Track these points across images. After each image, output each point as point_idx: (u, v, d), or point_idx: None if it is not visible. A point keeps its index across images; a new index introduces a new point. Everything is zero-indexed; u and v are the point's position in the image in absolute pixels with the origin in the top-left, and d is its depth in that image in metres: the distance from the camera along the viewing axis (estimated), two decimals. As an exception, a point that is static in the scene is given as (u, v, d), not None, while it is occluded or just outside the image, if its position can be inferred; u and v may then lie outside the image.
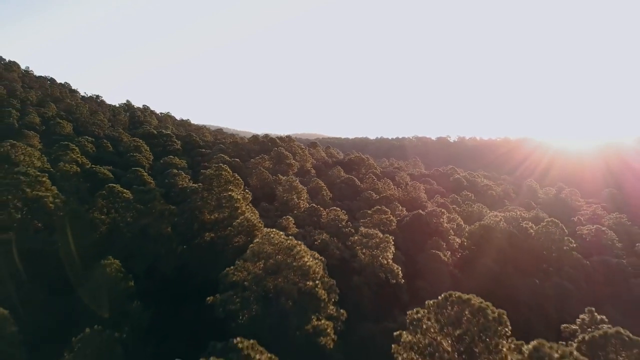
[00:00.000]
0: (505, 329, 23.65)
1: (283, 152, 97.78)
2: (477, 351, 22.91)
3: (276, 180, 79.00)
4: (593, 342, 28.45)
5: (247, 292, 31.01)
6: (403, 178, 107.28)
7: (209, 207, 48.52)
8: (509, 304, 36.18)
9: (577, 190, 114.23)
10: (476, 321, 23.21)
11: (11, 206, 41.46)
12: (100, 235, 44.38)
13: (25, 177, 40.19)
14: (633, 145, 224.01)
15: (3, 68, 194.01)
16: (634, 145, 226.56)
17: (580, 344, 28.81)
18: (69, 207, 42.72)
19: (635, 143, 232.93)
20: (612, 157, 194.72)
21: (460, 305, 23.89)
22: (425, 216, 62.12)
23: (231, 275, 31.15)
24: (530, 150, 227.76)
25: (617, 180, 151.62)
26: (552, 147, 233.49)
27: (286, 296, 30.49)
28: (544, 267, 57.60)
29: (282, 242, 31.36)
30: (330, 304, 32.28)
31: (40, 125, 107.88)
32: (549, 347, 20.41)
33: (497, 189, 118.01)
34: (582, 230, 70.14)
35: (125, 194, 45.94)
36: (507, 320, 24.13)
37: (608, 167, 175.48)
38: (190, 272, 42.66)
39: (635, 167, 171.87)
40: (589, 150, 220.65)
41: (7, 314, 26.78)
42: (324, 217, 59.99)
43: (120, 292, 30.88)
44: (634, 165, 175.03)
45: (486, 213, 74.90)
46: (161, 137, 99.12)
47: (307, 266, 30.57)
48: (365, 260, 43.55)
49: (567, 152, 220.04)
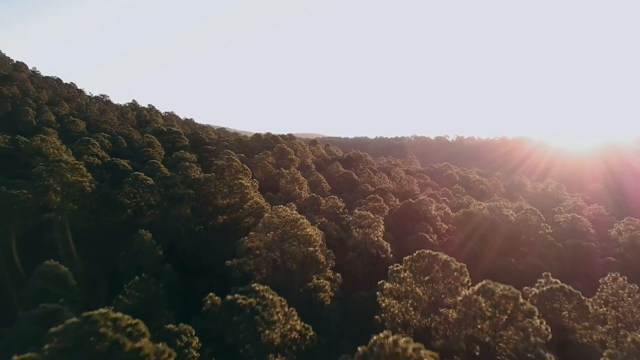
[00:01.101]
0: (465, 278, 30.14)
1: (285, 148, 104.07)
2: (442, 293, 29.37)
3: (279, 173, 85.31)
4: (542, 295, 34.92)
5: (260, 257, 37.43)
6: (398, 173, 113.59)
7: (222, 193, 54.95)
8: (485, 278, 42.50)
9: (563, 185, 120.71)
10: (442, 269, 29.64)
11: (51, 190, 47.85)
12: (127, 215, 50.85)
13: (65, 165, 46.51)
14: (633, 145, 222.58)
15: (12, 69, 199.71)
16: (633, 144, 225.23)
17: (532, 297, 35.24)
18: (101, 192, 49.12)
19: (635, 143, 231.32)
20: (612, 156, 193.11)
21: (430, 259, 30.38)
22: (415, 204, 68.49)
23: (247, 242, 37.58)
24: (530, 151, 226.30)
25: (616, 180, 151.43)
26: (551, 146, 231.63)
27: (292, 259, 36.91)
28: (520, 249, 64.00)
29: (288, 215, 37.76)
30: (328, 268, 38.71)
31: (55, 123, 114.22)
32: (494, 285, 26.84)
33: (488, 183, 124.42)
34: (559, 218, 76.59)
35: (148, 180, 52.35)
36: (467, 272, 30.63)
37: (608, 166, 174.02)
38: (207, 249, 49.04)
39: (635, 166, 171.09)
40: (588, 149, 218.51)
41: (67, 270, 33.20)
42: (323, 205, 66.36)
43: (153, 257, 37.26)
44: (633, 164, 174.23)
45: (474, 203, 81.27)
46: (170, 134, 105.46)
47: (309, 235, 36.96)
48: (358, 238, 49.97)
49: (566, 151, 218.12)
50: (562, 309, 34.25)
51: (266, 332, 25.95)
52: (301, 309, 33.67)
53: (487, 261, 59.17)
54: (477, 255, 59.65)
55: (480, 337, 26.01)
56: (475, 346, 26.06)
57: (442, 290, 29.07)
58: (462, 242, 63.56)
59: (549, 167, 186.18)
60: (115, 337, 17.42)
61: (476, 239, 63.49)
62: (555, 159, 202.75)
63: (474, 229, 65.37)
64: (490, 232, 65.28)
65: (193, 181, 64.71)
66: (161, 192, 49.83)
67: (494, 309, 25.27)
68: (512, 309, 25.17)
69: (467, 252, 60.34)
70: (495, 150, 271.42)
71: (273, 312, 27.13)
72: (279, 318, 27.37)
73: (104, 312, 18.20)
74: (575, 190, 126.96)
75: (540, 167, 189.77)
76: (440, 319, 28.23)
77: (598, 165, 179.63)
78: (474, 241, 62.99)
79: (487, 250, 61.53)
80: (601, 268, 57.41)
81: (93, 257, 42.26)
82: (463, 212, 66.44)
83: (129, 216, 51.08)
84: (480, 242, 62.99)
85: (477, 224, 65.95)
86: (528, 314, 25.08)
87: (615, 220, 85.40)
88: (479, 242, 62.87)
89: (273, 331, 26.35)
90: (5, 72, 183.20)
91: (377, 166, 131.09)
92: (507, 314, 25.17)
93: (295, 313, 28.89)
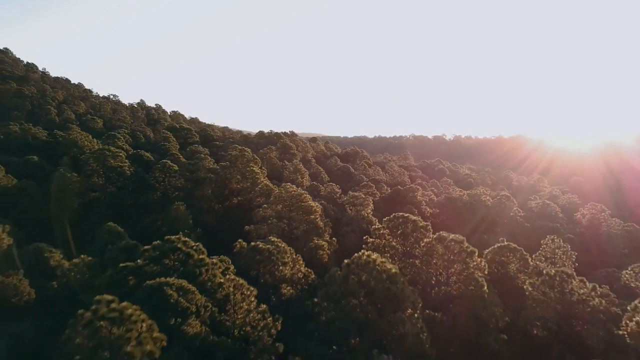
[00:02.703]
0: (430, 234, 39.68)
1: (288, 143, 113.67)
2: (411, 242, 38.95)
3: (283, 165, 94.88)
4: (493, 251, 44.42)
5: (271, 224, 47.01)
6: (392, 167, 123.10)
7: (236, 179, 64.53)
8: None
9: (545, 178, 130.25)
10: (412, 227, 39.21)
11: (95, 174, 57.47)
12: (157, 196, 60.48)
13: (108, 152, 56.12)
14: (633, 145, 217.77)
15: (24, 70, 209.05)
16: (633, 144, 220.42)
17: (487, 253, 44.76)
18: (137, 175, 58.75)
19: (635, 142, 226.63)
20: (612, 155, 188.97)
21: (403, 219, 40.00)
22: (403, 191, 78.11)
23: (261, 212, 47.22)
24: (526, 149, 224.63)
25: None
26: (548, 145, 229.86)
27: (297, 226, 46.51)
28: (494, 229, 73.52)
29: (294, 191, 47.42)
30: (326, 233, 48.32)
31: (75, 120, 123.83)
32: (446, 234, 36.40)
33: (476, 177, 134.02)
34: (531, 204, 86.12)
35: (173, 167, 61.97)
36: (432, 229, 40.22)
37: (607, 165, 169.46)
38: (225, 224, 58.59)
39: (634, 166, 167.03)
40: (587, 148, 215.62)
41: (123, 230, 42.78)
42: (323, 191, 75.96)
43: (186, 223, 46.85)
44: (633, 164, 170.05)
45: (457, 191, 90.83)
46: (182, 131, 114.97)
47: (310, 206, 46.58)
48: (351, 215, 59.52)
49: (565, 150, 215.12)
50: (508, 261, 43.82)
51: (280, 268, 35.50)
52: (305, 264, 43.22)
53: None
54: (455, 233, 69.17)
55: (436, 272, 35.62)
56: (433, 277, 35.63)
57: (411, 241, 38.63)
58: (442, 222, 73.12)
59: (546, 165, 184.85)
60: (187, 251, 27.04)
61: (455, 220, 73.04)
62: (549, 157, 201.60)
63: (454, 211, 74.99)
64: (468, 214, 74.91)
65: (209, 170, 74.35)
66: (186, 175, 59.44)
67: (445, 250, 34.87)
68: (458, 250, 34.77)
69: (446, 231, 69.86)
70: (494, 149, 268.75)
71: (284, 256, 36.70)
72: (289, 261, 36.95)
73: (178, 237, 27.85)
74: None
75: (537, 165, 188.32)
76: (409, 261, 37.78)
77: (597, 164, 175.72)
78: (453, 222, 72.55)
79: (464, 229, 70.85)
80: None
81: (134, 227, 51.85)
82: (445, 197, 76.03)
83: (158, 197, 60.75)
84: (459, 222, 72.47)
85: (457, 207, 75.55)
86: (470, 253, 34.69)
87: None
88: (458, 223, 72.35)
89: (285, 268, 35.91)
90: (21, 73, 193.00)
91: (373, 161, 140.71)
92: (454, 253, 34.76)
93: (300, 259, 38.48)
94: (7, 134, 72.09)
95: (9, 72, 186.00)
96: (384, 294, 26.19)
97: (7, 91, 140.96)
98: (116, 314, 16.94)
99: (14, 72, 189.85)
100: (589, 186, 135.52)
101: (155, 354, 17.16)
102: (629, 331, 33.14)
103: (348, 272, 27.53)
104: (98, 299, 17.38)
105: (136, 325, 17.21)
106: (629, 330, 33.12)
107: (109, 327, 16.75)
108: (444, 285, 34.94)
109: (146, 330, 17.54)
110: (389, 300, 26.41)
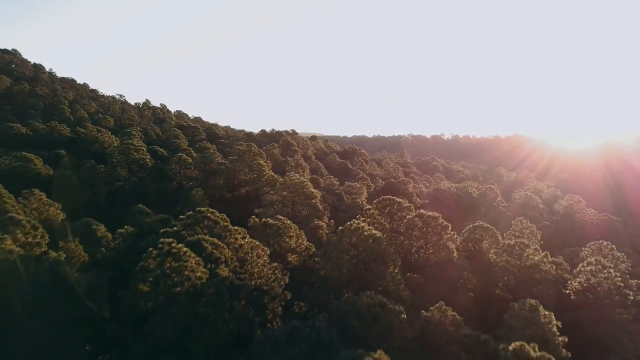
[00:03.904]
0: (411, 212, 46.75)
1: (289, 140, 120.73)
2: (397, 220, 46.06)
3: (285, 161, 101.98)
4: (469, 230, 51.49)
5: (277, 207, 54.07)
6: (387, 163, 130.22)
7: (243, 171, 71.63)
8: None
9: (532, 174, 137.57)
10: (399, 206, 46.32)
11: (119, 166, 64.53)
12: (173, 186, 67.57)
13: (132, 146, 63.19)
14: (632, 144, 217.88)
15: (33, 71, 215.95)
16: (633, 143, 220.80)
17: (463, 232, 51.81)
18: (156, 167, 65.85)
19: (634, 142, 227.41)
20: (611, 155, 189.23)
21: (390, 201, 47.11)
22: (396, 183, 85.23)
23: (269, 197, 54.31)
24: (528, 151, 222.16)
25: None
26: (546, 145, 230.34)
27: (300, 209, 53.61)
28: (478, 218, 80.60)
29: (297, 179, 54.50)
30: (325, 216, 55.40)
31: (87, 119, 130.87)
32: (425, 212, 43.55)
33: (468, 172, 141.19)
34: (514, 196, 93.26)
35: (188, 160, 69.05)
36: (414, 208, 47.34)
37: (607, 164, 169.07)
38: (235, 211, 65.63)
39: (634, 165, 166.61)
40: (586, 148, 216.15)
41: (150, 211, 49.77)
42: (322, 183, 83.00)
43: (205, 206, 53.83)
44: (633, 163, 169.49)
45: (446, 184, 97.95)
46: (190, 129, 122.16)
47: (311, 192, 53.68)
48: (347, 202, 66.62)
49: (565, 150, 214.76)
50: (481, 239, 50.89)
51: (286, 240, 42.56)
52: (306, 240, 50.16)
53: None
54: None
55: (416, 242, 42.72)
56: (414, 247, 42.74)
57: (396, 219, 45.73)
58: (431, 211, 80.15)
59: (544, 164, 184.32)
60: (215, 219, 34.13)
61: (443, 209, 79.94)
62: (547, 156, 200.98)
63: (442, 202, 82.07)
64: (454, 204, 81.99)
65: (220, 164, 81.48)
66: (200, 167, 66.50)
67: (423, 224, 41.98)
68: (434, 224, 41.88)
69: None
70: (493, 149, 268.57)
71: (290, 230, 43.75)
72: (293, 235, 44.02)
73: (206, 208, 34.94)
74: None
75: (536, 164, 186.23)
76: (394, 235, 44.89)
77: (597, 163, 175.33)
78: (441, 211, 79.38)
79: (451, 218, 77.90)
80: (544, 229, 73.96)
81: (156, 212, 58.92)
82: (434, 189, 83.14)
83: (174, 187, 67.88)
84: (446, 211, 79.35)
85: (445, 198, 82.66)
86: (444, 227, 41.82)
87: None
88: (445, 212, 79.26)
89: (290, 240, 42.97)
90: (30, 74, 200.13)
91: (370, 158, 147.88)
92: (431, 227, 41.87)
93: (303, 234, 45.54)
94: (34, 130, 79.05)
95: (19, 73, 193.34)
96: (369, 252, 33.27)
97: (22, 91, 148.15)
98: (176, 250, 24.02)
99: (25, 73, 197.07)
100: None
101: (203, 279, 24.23)
102: (573, 290, 40.43)
103: (342, 236, 34.63)
104: (162, 241, 24.47)
105: (189, 259, 24.29)
106: (573, 290, 40.41)
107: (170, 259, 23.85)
108: (422, 252, 42.05)
109: (195, 264, 24.63)
110: (374, 257, 33.49)
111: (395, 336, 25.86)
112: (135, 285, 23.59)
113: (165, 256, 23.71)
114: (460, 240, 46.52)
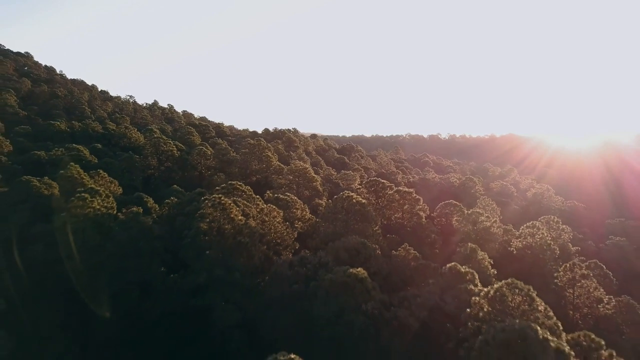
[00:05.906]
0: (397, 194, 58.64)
1: (292, 137, 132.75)
2: (380, 197, 58.08)
3: (288, 155, 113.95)
4: (441, 207, 63.40)
5: (285, 189, 66.02)
6: (381, 158, 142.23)
7: (254, 162, 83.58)
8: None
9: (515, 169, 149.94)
10: (382, 185, 58.29)
11: (150, 156, 76.37)
12: (195, 174, 79.49)
13: (161, 139, 75.06)
14: (631, 144, 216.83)
15: (46, 73, 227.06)
16: (632, 143, 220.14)
17: (435, 209, 63.74)
18: (181, 157, 77.81)
19: (634, 141, 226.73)
20: (610, 154, 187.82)
21: (375, 181, 59.11)
22: (386, 174, 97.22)
23: (278, 180, 66.33)
24: (526, 151, 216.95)
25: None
26: (542, 144, 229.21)
27: (303, 191, 65.59)
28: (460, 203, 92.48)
29: (301, 166, 66.54)
30: (324, 197, 67.42)
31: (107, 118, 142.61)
32: (402, 188, 55.59)
33: (457, 167, 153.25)
34: (492, 185, 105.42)
35: (208, 151, 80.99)
36: (394, 186, 59.29)
37: (606, 164, 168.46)
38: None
39: (633, 165, 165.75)
40: (585, 147, 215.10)
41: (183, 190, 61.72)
42: (321, 174, 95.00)
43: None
44: (632, 163, 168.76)
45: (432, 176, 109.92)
46: (201, 127, 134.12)
47: (313, 176, 65.68)
48: (343, 187, 78.53)
49: (564, 149, 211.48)
50: (451, 214, 62.85)
51: (293, 210, 54.48)
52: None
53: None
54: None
55: (395, 212, 54.68)
56: (393, 215, 54.69)
57: (380, 196, 57.66)
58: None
59: (543, 163, 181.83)
60: (243, 189, 46.06)
61: (426, 195, 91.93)
62: (547, 155, 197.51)
63: (426, 189, 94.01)
64: (438, 192, 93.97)
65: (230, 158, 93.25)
66: (219, 157, 78.45)
67: (400, 197, 53.94)
68: (409, 198, 53.86)
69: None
70: (491, 148, 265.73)
71: (296, 204, 55.71)
72: (299, 207, 55.96)
73: (236, 182, 46.88)
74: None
75: (536, 164, 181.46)
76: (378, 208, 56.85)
77: (596, 162, 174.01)
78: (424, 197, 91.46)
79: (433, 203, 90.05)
80: (509, 213, 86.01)
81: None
82: (419, 178, 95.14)
83: (195, 175, 79.82)
84: (429, 198, 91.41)
85: (429, 187, 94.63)
86: (416, 200, 53.80)
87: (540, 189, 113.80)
88: (428, 198, 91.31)
89: (297, 211, 54.89)
90: (45, 76, 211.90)
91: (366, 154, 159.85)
92: (405, 199, 53.83)
93: (307, 208, 57.48)
94: (71, 127, 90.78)
95: (35, 75, 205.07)
96: (355, 214, 45.23)
97: (43, 92, 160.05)
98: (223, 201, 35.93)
99: (40, 75, 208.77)
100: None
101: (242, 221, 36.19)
102: (513, 247, 52.49)
103: (336, 202, 46.56)
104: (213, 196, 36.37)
105: (232, 208, 36.23)
106: (513, 247, 52.47)
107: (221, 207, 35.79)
108: (399, 219, 54.05)
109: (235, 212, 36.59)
110: (359, 218, 45.45)
111: (372, 263, 37.81)
112: (197, 225, 35.44)
113: (217, 205, 35.56)
114: (435, 214, 58.33)
